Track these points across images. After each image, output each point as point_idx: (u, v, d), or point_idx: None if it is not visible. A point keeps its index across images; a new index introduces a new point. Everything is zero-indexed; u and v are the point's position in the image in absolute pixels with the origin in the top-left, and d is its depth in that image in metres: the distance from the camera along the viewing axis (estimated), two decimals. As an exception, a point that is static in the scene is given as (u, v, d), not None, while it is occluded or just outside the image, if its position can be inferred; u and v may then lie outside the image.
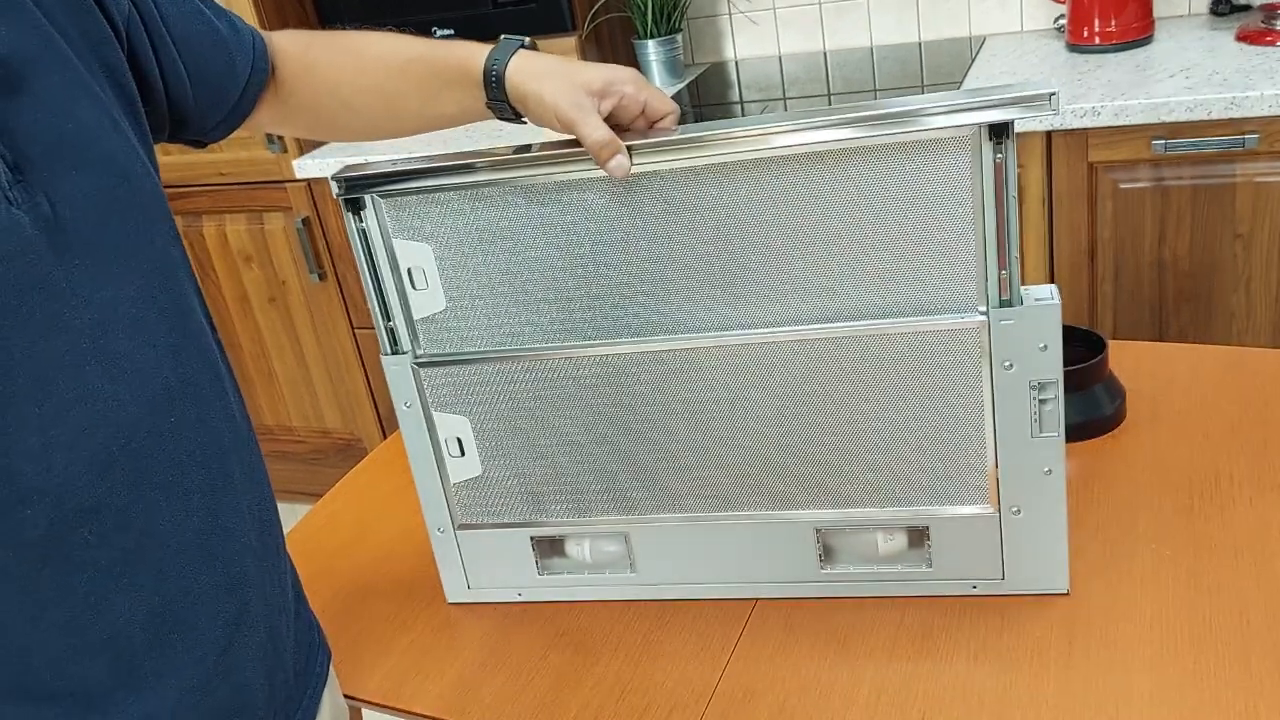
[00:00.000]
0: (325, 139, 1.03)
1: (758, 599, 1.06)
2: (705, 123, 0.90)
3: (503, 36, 0.95)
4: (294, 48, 0.98)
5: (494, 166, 0.94)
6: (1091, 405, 1.19)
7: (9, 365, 0.64)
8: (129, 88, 0.77)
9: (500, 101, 0.94)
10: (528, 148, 0.94)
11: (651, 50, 2.34)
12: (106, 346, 0.69)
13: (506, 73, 0.92)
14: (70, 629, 0.68)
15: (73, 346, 0.67)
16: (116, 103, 0.75)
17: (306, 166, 2.28)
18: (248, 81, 0.92)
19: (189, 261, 0.78)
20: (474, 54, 0.94)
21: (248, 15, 2.25)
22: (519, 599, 1.12)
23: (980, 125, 0.84)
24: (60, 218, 0.67)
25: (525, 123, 0.96)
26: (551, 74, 0.91)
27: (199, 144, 0.94)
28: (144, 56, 0.80)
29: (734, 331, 0.96)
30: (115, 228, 0.71)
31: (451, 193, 0.96)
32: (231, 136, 0.96)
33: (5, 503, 0.65)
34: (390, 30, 1.01)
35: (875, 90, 2.16)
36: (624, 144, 0.89)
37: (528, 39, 0.94)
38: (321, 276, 2.44)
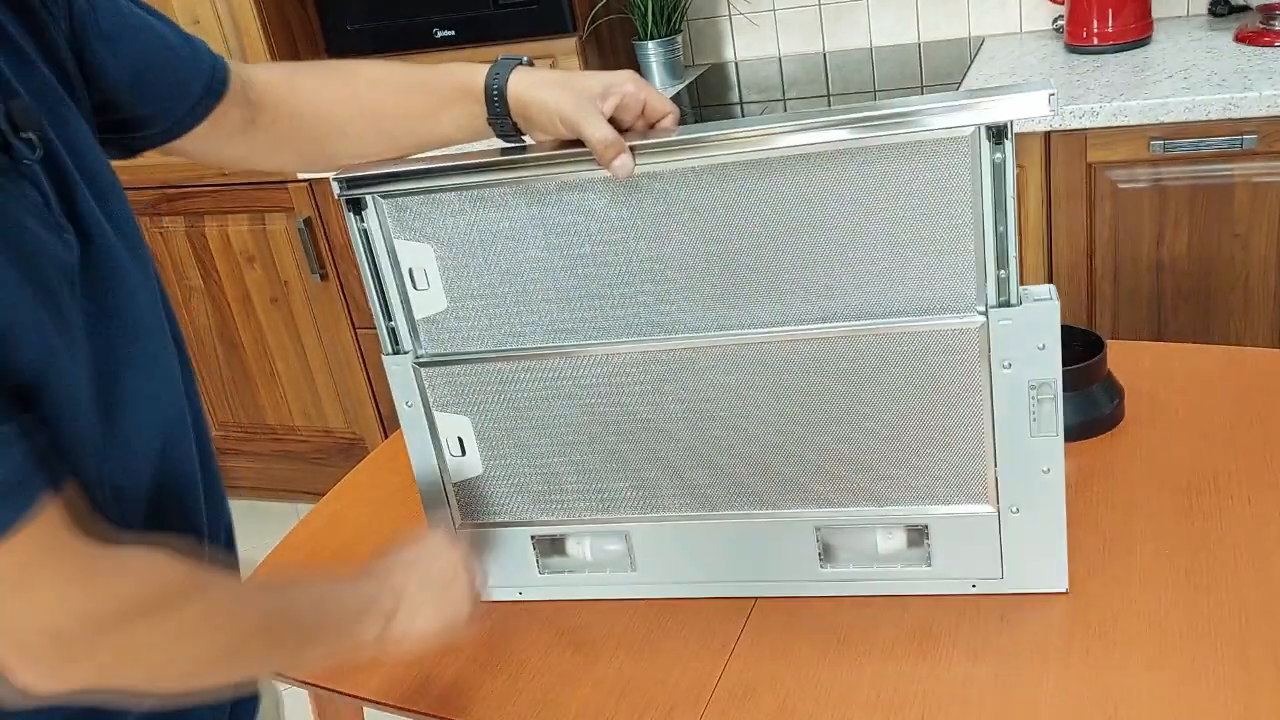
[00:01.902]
0: (317, 169, 1.02)
1: (758, 598, 1.06)
2: (705, 123, 0.90)
3: (500, 57, 0.96)
4: (275, 75, 0.98)
5: (495, 167, 0.94)
6: (1090, 405, 1.19)
7: (77, 379, 0.68)
8: (85, 97, 0.79)
9: (502, 117, 0.95)
10: (528, 149, 0.95)
11: (651, 51, 2.34)
12: (142, 350, 0.75)
13: (508, 86, 0.94)
14: None
15: (116, 353, 0.72)
16: (83, 115, 0.77)
17: (307, 167, 2.28)
18: (205, 91, 0.91)
19: None
20: (473, 72, 0.96)
21: (249, 16, 2.26)
22: (520, 598, 1.12)
23: (979, 126, 0.84)
24: (92, 238, 0.72)
25: (524, 140, 0.97)
26: (552, 83, 0.93)
27: (129, 151, 0.91)
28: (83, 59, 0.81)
29: (734, 331, 0.96)
30: (127, 240, 0.75)
31: (452, 193, 0.96)
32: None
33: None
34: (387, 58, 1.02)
35: (875, 91, 2.16)
36: (627, 144, 0.90)
37: (525, 57, 0.96)
38: (323, 276, 2.44)
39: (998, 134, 0.84)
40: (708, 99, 2.30)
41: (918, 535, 1.00)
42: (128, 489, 0.74)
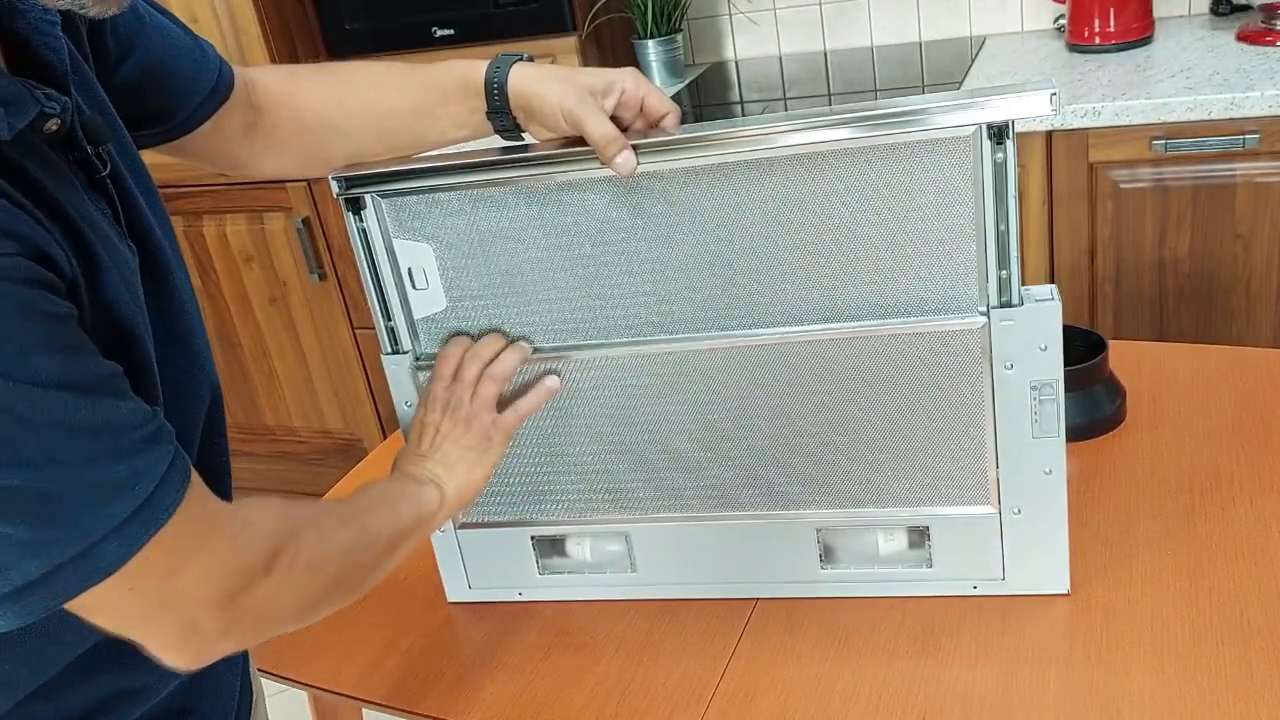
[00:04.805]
0: (315, 172, 1.02)
1: (758, 599, 1.06)
2: (706, 123, 0.90)
3: (499, 54, 0.95)
4: (276, 77, 0.98)
5: (494, 167, 0.94)
6: (1092, 405, 1.19)
7: (155, 381, 0.71)
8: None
9: (502, 112, 0.94)
10: (527, 148, 0.94)
11: (652, 50, 2.34)
12: (189, 349, 0.78)
13: (509, 80, 0.93)
14: None
15: (166, 351, 0.75)
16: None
17: (307, 166, 2.28)
18: (210, 92, 0.91)
19: None
20: (473, 67, 0.95)
21: (248, 15, 2.25)
22: (520, 599, 1.12)
23: (980, 125, 0.84)
24: (147, 244, 0.75)
25: (524, 137, 0.97)
26: (554, 77, 0.93)
27: None
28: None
29: (735, 331, 0.96)
30: (170, 239, 0.78)
31: (452, 193, 0.96)
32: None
33: None
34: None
35: (875, 90, 2.16)
36: (629, 142, 0.89)
37: (526, 54, 0.96)
38: (322, 276, 2.44)
39: (999, 133, 0.84)
40: (708, 98, 2.29)
41: (919, 536, 1.00)
42: None
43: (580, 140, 0.90)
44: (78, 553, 0.60)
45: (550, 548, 1.10)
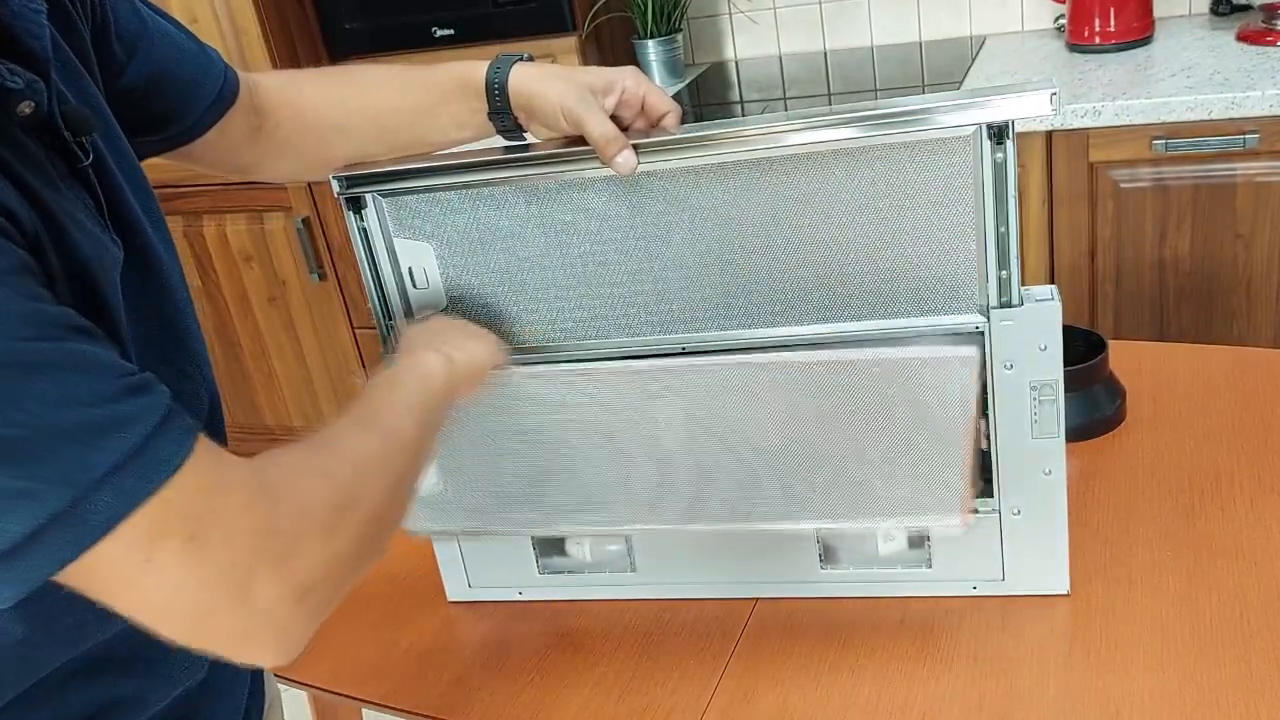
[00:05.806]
0: (317, 174, 1.02)
1: (758, 599, 1.06)
2: (706, 122, 0.90)
3: (500, 54, 0.95)
4: (279, 80, 0.98)
5: (494, 166, 0.94)
6: (1092, 405, 1.19)
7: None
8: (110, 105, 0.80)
9: (503, 112, 0.94)
10: (527, 147, 0.94)
11: (652, 50, 2.33)
12: (187, 349, 0.77)
13: (510, 79, 0.93)
14: None
15: (161, 350, 0.74)
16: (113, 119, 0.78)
17: (307, 166, 2.28)
18: (216, 97, 0.91)
19: None
20: (474, 67, 0.95)
21: (248, 16, 2.25)
22: (519, 598, 1.12)
23: (981, 125, 0.84)
24: (136, 239, 0.73)
25: (525, 137, 0.97)
26: (555, 76, 0.92)
27: (137, 155, 0.91)
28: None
29: (734, 331, 0.96)
30: (162, 237, 0.77)
31: (452, 192, 0.96)
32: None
33: None
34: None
35: (875, 90, 2.16)
36: (629, 141, 0.89)
37: (527, 54, 0.96)
38: (321, 276, 2.44)
39: (999, 133, 0.84)
40: (708, 98, 2.29)
41: (918, 537, 1.00)
42: None
43: (581, 139, 0.90)
44: (64, 507, 0.55)
45: (550, 547, 1.10)
